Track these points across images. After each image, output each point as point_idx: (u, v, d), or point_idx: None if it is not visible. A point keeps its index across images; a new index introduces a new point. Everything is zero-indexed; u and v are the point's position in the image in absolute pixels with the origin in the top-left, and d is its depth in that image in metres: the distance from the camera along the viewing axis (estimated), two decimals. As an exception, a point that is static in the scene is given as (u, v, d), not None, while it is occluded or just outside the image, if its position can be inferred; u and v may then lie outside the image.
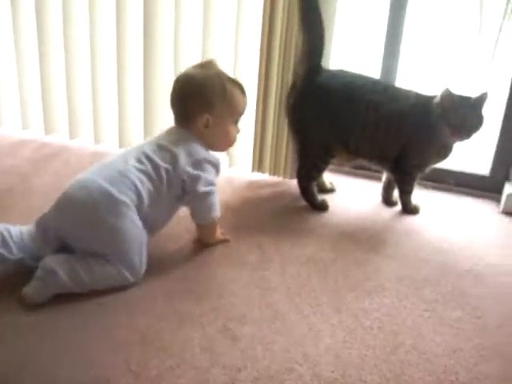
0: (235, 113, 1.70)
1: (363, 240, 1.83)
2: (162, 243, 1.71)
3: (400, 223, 1.99)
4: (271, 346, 1.29)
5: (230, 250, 1.72)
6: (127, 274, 1.48)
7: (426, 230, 1.94)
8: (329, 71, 2.01)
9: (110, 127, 2.52)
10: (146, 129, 2.39)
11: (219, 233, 1.76)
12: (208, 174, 1.63)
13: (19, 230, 1.49)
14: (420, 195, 2.16)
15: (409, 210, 2.08)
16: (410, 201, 2.09)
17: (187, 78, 1.67)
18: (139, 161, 1.54)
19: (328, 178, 2.23)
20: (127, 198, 1.47)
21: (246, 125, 2.19)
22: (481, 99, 1.86)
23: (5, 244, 1.43)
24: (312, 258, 1.69)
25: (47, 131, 2.62)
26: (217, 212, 1.67)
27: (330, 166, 2.12)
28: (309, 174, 2.07)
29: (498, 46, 3.02)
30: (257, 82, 2.16)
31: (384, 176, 2.15)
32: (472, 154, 2.49)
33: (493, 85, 2.62)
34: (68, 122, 2.56)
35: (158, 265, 1.59)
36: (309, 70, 1.97)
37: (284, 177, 2.28)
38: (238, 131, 1.74)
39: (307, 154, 2.05)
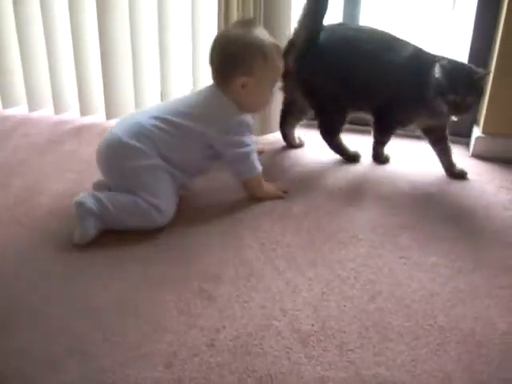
0: (274, 76, 1.70)
1: (335, 192, 1.81)
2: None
3: (371, 173, 1.97)
4: (248, 303, 1.28)
5: (201, 211, 1.69)
6: (154, 212, 1.54)
7: (398, 178, 1.93)
8: (328, 27, 1.93)
9: (72, 97, 2.45)
10: (106, 96, 2.33)
11: (273, 187, 1.78)
12: (239, 136, 1.65)
13: None
14: (390, 143, 2.15)
15: (380, 160, 2.06)
16: (382, 152, 2.06)
17: (227, 38, 1.67)
18: (159, 118, 1.61)
19: (298, 132, 2.20)
20: (140, 144, 1.56)
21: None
22: (483, 78, 1.75)
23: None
24: (284, 213, 1.67)
25: (5, 105, 2.53)
26: (256, 170, 1.69)
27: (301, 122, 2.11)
28: (331, 128, 2.04)
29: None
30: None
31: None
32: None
33: (454, 34, 2.60)
34: (26, 94, 2.47)
35: (129, 232, 1.56)
36: (311, 30, 1.90)
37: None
38: (272, 94, 1.74)
39: (323, 110, 2.01)
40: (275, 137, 2.23)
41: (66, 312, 1.25)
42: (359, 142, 2.14)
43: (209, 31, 2.13)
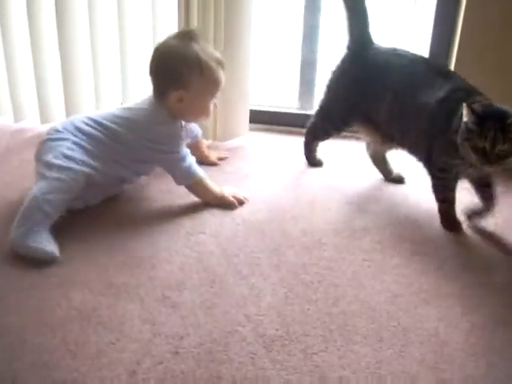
0: (212, 89, 1.68)
1: (299, 197, 1.81)
2: (88, 216, 1.66)
3: (334, 178, 1.98)
4: (212, 310, 1.26)
5: (163, 216, 1.68)
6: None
7: (361, 181, 1.94)
8: (377, 48, 1.84)
9: (31, 105, 2.41)
10: (68, 104, 2.30)
11: (227, 193, 1.75)
12: (169, 145, 1.66)
13: None
14: (352, 147, 2.17)
15: (448, 226, 1.67)
16: (449, 213, 1.67)
17: (164, 50, 1.66)
18: (93, 119, 1.67)
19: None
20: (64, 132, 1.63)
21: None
22: None
23: None
24: (248, 220, 1.66)
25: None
26: (193, 176, 1.69)
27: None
28: (316, 133, 2.04)
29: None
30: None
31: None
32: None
33: (416, 29, 2.63)
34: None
35: (88, 239, 1.54)
36: (353, 43, 1.87)
37: (213, 139, 2.24)
38: (214, 105, 1.73)
39: (323, 114, 1.98)
40: (235, 143, 2.23)
41: (28, 326, 1.22)
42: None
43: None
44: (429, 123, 1.62)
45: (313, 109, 2.38)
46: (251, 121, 2.26)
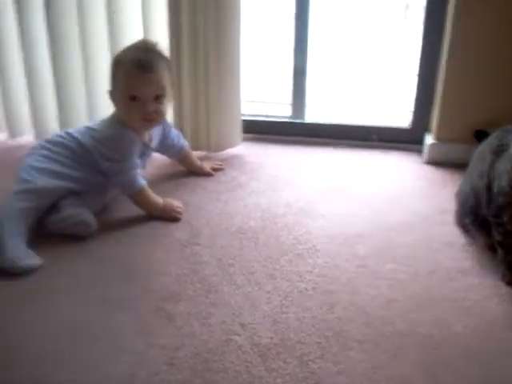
0: (123, 89, 1.66)
1: (291, 205, 1.82)
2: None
3: (327, 183, 1.98)
4: (207, 320, 1.27)
5: (157, 228, 1.68)
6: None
7: (354, 187, 1.94)
8: None
9: (26, 121, 2.41)
10: (62, 119, 2.30)
11: (169, 206, 1.75)
12: (117, 152, 1.69)
13: None
14: (345, 154, 2.18)
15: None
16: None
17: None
18: (67, 132, 1.77)
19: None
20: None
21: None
22: None
23: None
24: (241, 228, 1.67)
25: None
26: (133, 185, 1.70)
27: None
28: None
29: (409, 6, 3.04)
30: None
31: None
32: (392, 108, 2.52)
33: (406, 44, 2.66)
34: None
35: (82, 251, 1.55)
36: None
37: (207, 150, 2.25)
38: (145, 110, 1.66)
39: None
40: (229, 153, 2.23)
41: (23, 338, 1.23)
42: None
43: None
44: None
45: (304, 118, 2.40)
46: (244, 131, 2.27)
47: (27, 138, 2.40)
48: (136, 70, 1.63)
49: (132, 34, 2.13)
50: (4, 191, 1.62)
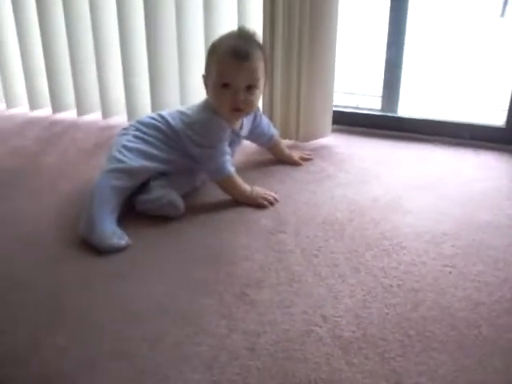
0: (216, 75, 1.65)
1: (379, 198, 1.79)
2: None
3: (416, 179, 1.94)
4: (290, 309, 1.27)
5: (244, 214, 1.70)
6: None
7: (443, 185, 1.90)
8: None
9: (118, 101, 2.48)
10: (154, 102, 2.36)
11: (259, 193, 1.77)
12: (207, 138, 1.70)
13: None
14: (436, 150, 2.13)
15: None
16: None
17: None
18: (160, 114, 1.81)
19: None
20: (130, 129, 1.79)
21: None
22: None
23: None
24: (328, 219, 1.66)
25: (55, 110, 2.59)
26: (223, 172, 1.72)
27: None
28: None
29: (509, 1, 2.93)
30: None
31: None
32: (486, 106, 2.44)
33: (503, 41, 2.56)
34: (75, 99, 2.52)
35: (169, 233, 1.58)
36: None
37: (296, 140, 2.24)
38: (235, 99, 1.65)
39: None
40: (318, 143, 2.23)
41: (109, 315, 1.27)
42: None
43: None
44: None
45: (396, 111, 2.36)
46: (334, 122, 2.25)
47: (119, 118, 2.47)
48: (230, 57, 1.63)
49: (227, 22, 2.16)
50: (98, 169, 1.67)
